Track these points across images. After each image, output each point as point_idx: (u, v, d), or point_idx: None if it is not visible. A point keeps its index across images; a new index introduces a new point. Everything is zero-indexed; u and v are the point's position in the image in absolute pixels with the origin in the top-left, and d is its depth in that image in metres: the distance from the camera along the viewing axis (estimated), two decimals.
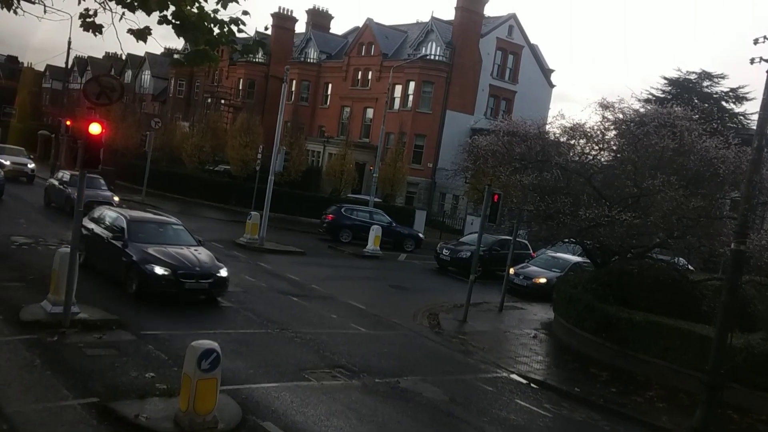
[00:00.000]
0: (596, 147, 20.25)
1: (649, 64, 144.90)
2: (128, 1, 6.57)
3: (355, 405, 10.58)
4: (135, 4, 6.49)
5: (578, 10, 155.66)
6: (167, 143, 44.44)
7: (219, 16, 6.72)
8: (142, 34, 6.68)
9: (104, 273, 15.81)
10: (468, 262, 22.69)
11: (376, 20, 53.78)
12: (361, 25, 55.21)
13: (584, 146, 20.45)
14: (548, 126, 22.15)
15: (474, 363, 14.73)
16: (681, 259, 22.23)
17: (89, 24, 7.00)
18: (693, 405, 12.41)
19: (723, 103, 48.64)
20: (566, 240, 20.64)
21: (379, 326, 16.42)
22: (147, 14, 6.51)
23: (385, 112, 38.31)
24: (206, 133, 43.80)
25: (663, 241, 18.84)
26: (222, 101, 59.26)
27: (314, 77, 56.58)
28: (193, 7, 6.51)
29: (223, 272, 15.33)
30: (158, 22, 6.66)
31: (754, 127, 13.77)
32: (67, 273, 11.61)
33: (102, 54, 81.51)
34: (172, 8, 6.49)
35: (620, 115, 19.44)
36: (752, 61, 11.91)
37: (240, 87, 60.38)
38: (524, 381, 13.82)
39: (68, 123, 36.15)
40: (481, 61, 48.59)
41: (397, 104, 47.78)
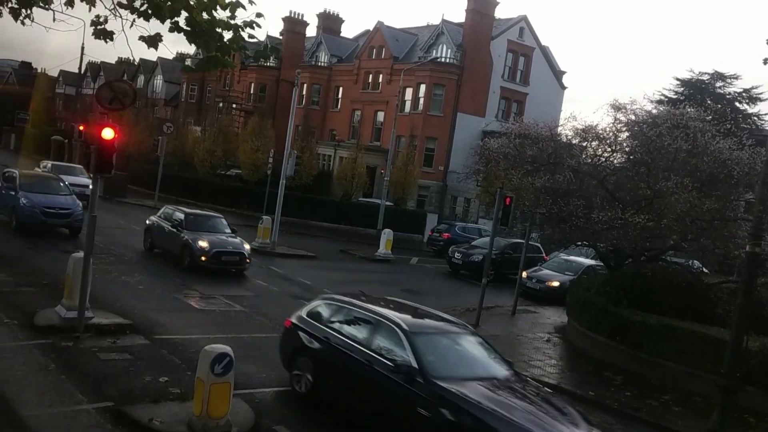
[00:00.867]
0: (609, 149, 20.13)
1: (661, 65, 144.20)
2: (141, 9, 6.58)
3: None
4: (149, 12, 6.50)
5: (589, 12, 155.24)
6: (179, 148, 44.69)
7: (232, 21, 6.71)
8: (154, 41, 6.69)
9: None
10: (480, 266, 22.64)
11: (387, 23, 53.88)
12: (372, 29, 55.26)
13: (597, 148, 20.33)
14: (560, 128, 22.05)
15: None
16: (695, 262, 22.05)
17: (100, 31, 7.03)
18: (708, 409, 12.30)
19: (736, 104, 48.27)
20: (579, 243, 20.54)
21: None
22: (161, 22, 6.53)
23: (396, 115, 38.30)
24: (218, 138, 44.00)
25: (677, 244, 18.69)
26: (233, 105, 59.50)
27: (325, 81, 56.68)
28: (205, 14, 6.50)
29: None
30: (169, 30, 6.67)
31: None
32: (81, 278, 11.67)
33: (115, 59, 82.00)
34: (185, 14, 6.50)
35: (632, 117, 19.33)
36: (765, 62, 11.79)
37: (251, 91, 60.58)
38: (538, 385, 13.72)
39: (81, 128, 36.36)
40: (492, 64, 48.49)
41: (408, 107, 47.77)
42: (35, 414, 8.32)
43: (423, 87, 47.35)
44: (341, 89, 55.83)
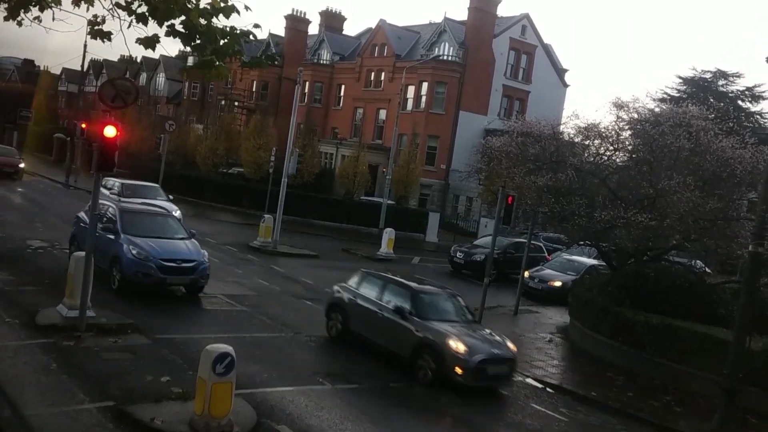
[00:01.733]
0: (611, 147, 20.10)
1: (663, 63, 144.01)
2: (138, 13, 6.55)
3: (369, 409, 10.56)
4: (146, 15, 6.47)
5: (592, 10, 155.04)
6: (181, 146, 44.68)
7: (229, 28, 6.67)
8: (151, 42, 6.66)
9: None
10: (482, 265, 22.60)
11: (389, 21, 53.81)
12: (374, 27, 55.21)
13: (599, 147, 20.30)
14: (562, 126, 21.97)
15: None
16: (698, 262, 21.97)
17: (97, 32, 7.00)
18: (711, 409, 12.27)
19: (739, 102, 48.13)
20: (581, 242, 20.49)
21: None
22: (159, 25, 6.49)
23: (398, 113, 38.22)
24: (220, 136, 43.99)
25: (679, 244, 18.64)
26: (235, 103, 59.48)
27: (327, 79, 56.62)
28: (202, 20, 6.46)
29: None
30: (166, 34, 6.64)
31: None
32: (83, 277, 11.67)
33: (117, 57, 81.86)
34: (182, 17, 6.46)
35: (635, 115, 19.29)
36: None
37: (253, 89, 60.53)
38: (540, 385, 13.73)
39: (83, 126, 36.36)
40: (495, 62, 48.41)
41: (410, 105, 47.70)
42: (37, 413, 8.32)
43: (425, 85, 47.27)
44: (343, 87, 55.77)
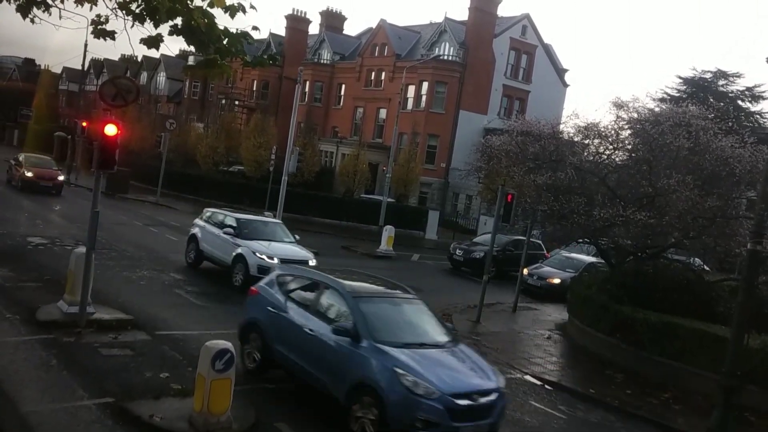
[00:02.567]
0: (611, 146, 20.11)
1: (663, 63, 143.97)
2: (137, 12, 6.55)
3: None
4: (144, 15, 6.47)
5: (592, 10, 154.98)
6: (182, 144, 44.76)
7: (229, 28, 6.68)
8: (155, 42, 6.64)
9: None
10: (481, 263, 22.63)
11: (390, 21, 53.84)
12: (375, 26, 55.25)
13: (598, 146, 20.31)
14: (562, 125, 22.05)
15: (487, 364, 14.64)
16: (696, 260, 22.03)
17: (100, 31, 7.00)
18: (709, 407, 12.26)
19: (738, 102, 48.19)
20: (580, 240, 20.52)
21: None
22: (155, 26, 6.49)
23: (398, 113, 38.27)
24: (220, 134, 44.08)
25: (678, 242, 18.68)
26: (236, 102, 59.52)
27: (327, 78, 56.65)
28: (204, 18, 6.47)
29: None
30: (169, 33, 6.64)
31: None
32: (83, 273, 11.70)
33: (118, 56, 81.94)
34: (184, 17, 6.46)
35: (635, 115, 19.31)
36: None
37: (254, 88, 60.58)
38: (538, 382, 13.75)
39: (84, 124, 36.39)
40: (495, 61, 48.44)
41: (410, 104, 47.74)
42: (36, 410, 8.34)
43: (425, 84, 47.31)
44: (344, 86, 55.81)
